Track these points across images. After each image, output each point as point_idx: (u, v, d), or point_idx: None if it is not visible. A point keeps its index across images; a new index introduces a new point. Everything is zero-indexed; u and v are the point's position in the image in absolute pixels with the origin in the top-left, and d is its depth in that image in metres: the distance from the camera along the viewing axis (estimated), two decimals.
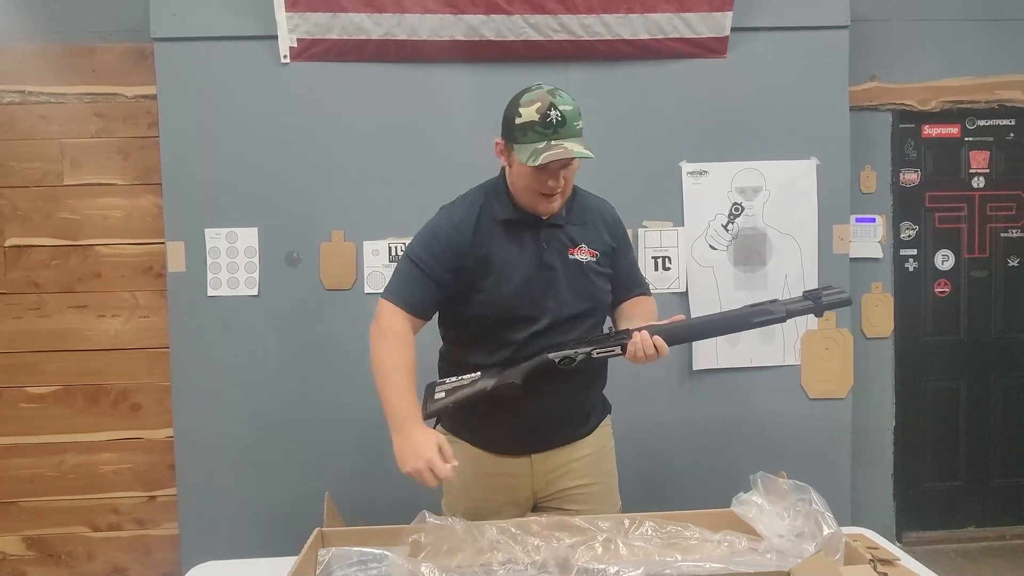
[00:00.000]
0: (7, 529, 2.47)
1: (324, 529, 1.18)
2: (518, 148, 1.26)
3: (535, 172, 1.25)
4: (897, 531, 2.74)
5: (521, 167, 1.27)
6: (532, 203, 1.31)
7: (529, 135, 1.24)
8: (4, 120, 2.40)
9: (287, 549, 1.35)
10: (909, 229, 2.72)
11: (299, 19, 2.25)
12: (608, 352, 1.32)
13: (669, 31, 2.34)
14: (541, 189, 1.28)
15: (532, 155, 1.23)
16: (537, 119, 1.23)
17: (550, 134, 1.23)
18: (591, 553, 1.08)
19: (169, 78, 2.31)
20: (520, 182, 1.30)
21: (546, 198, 1.29)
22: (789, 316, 1.31)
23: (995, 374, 2.78)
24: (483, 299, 1.32)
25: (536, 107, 1.24)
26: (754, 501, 1.19)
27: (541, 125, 1.23)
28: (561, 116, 1.23)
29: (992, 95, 2.66)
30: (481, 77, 2.32)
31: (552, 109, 1.23)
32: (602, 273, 1.40)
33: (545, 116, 1.23)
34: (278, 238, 2.35)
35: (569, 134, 1.24)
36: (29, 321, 2.44)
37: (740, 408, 2.44)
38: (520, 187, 1.31)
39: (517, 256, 1.33)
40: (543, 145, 1.23)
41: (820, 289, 1.33)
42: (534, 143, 1.23)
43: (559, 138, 1.23)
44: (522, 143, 1.25)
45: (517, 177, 1.30)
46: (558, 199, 1.31)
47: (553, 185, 1.27)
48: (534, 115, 1.24)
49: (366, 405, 2.33)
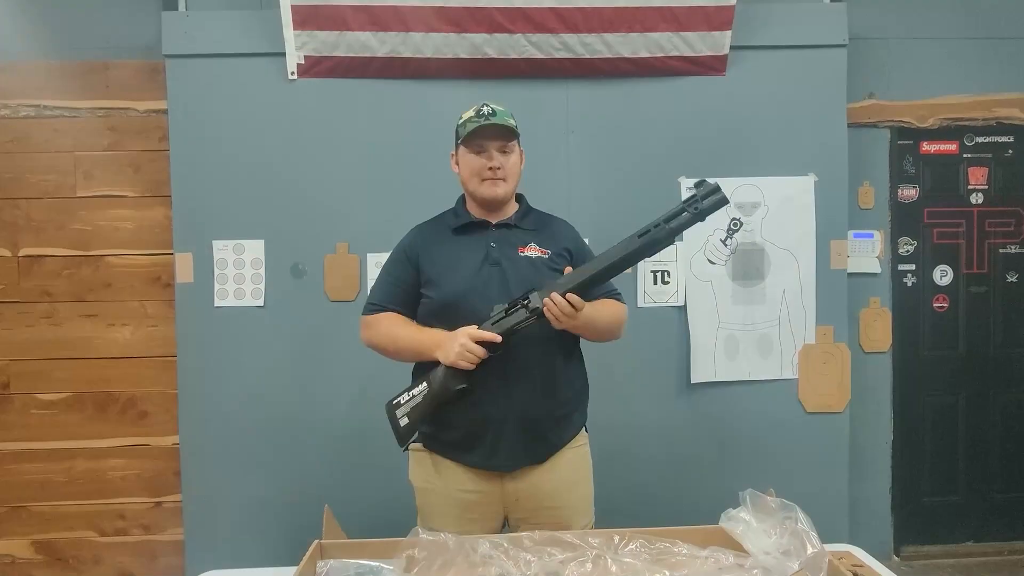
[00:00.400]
0: (16, 533, 2.52)
1: (323, 541, 1.21)
2: (461, 140, 1.48)
3: (475, 156, 1.47)
4: (895, 546, 2.75)
5: (464, 156, 1.49)
6: (479, 190, 1.49)
7: (467, 125, 1.47)
8: (20, 134, 2.47)
9: (290, 557, 1.38)
10: (907, 244, 2.74)
11: (307, 37, 2.31)
12: (526, 321, 1.36)
13: (669, 49, 2.38)
14: (482, 173, 1.47)
15: (469, 133, 1.46)
16: (473, 114, 1.48)
17: (482, 120, 1.46)
18: (582, 569, 1.11)
19: (179, 94, 2.37)
20: (465, 171, 1.50)
21: (490, 182, 1.48)
22: (673, 234, 1.36)
23: (994, 389, 2.79)
24: (434, 294, 1.47)
25: (473, 109, 1.50)
26: (742, 517, 1.21)
27: (476, 116, 1.47)
28: (492, 110, 1.47)
29: (990, 112, 2.68)
30: (484, 94, 2.32)
31: (484, 107, 1.48)
32: (556, 270, 1.47)
33: (479, 111, 1.48)
34: (284, 250, 2.40)
35: (500, 121, 1.46)
36: (41, 329, 2.50)
37: (738, 421, 2.46)
38: (465, 177, 1.51)
39: (465, 255, 1.49)
40: (476, 126, 1.45)
41: (695, 194, 1.36)
42: (470, 128, 1.46)
43: (491, 122, 1.45)
44: (463, 135, 1.48)
45: (464, 169, 1.51)
46: (500, 184, 1.48)
47: (493, 165, 1.46)
48: (471, 112, 1.49)
49: (369, 415, 2.38)
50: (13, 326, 2.49)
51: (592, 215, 2.41)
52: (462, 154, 1.50)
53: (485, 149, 1.46)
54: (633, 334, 1.85)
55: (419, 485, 1.52)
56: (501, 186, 1.48)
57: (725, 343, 2.47)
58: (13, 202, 2.48)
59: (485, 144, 1.46)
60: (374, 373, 2.34)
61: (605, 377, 2.11)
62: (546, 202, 1.68)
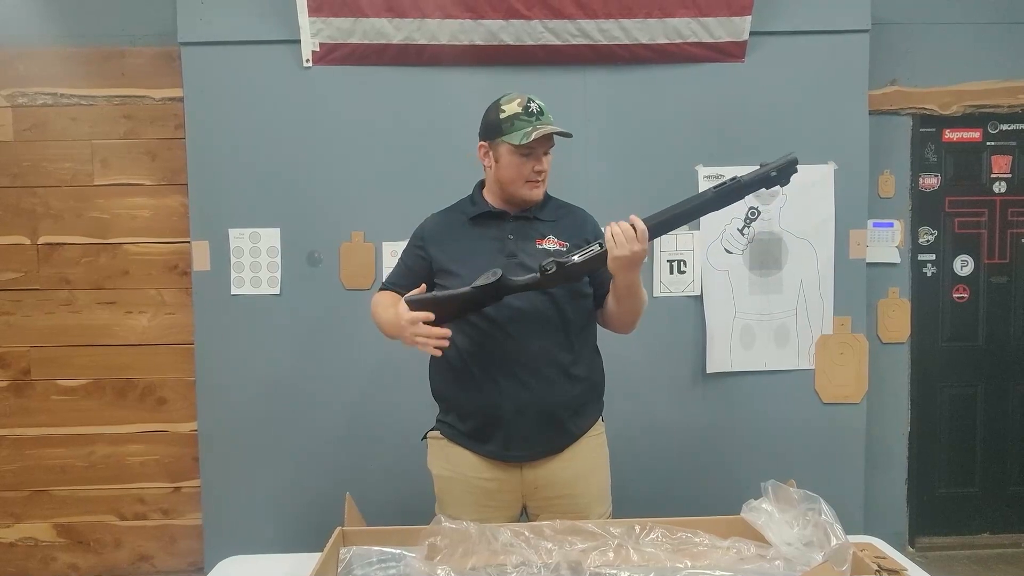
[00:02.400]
0: (39, 516, 2.57)
1: (345, 528, 1.22)
2: (507, 138, 1.41)
3: (523, 160, 1.42)
4: (910, 536, 2.74)
5: (510, 157, 1.43)
6: (520, 192, 1.46)
7: (516, 124, 1.41)
8: (37, 121, 2.48)
9: (305, 541, 1.41)
10: (928, 234, 2.70)
11: (322, 24, 2.29)
12: (589, 252, 1.34)
13: (687, 35, 2.34)
14: (528, 176, 1.44)
15: (523, 136, 1.39)
16: (520, 111, 1.41)
17: (533, 120, 1.41)
18: (603, 558, 1.11)
19: (195, 81, 2.36)
20: (509, 172, 1.44)
21: (532, 184, 1.45)
22: (744, 189, 1.35)
23: (1014, 381, 2.76)
24: (449, 284, 1.43)
25: (517, 102, 1.43)
26: (764, 508, 1.21)
27: (525, 114, 1.41)
28: (539, 107, 1.43)
29: (1015, 99, 2.62)
30: (500, 81, 2.34)
31: (531, 102, 1.43)
32: None
33: (527, 108, 1.42)
34: (300, 238, 2.41)
35: (548, 122, 1.43)
36: (61, 316, 2.52)
37: (754, 412, 2.45)
38: (508, 178, 1.45)
39: (481, 245, 1.46)
40: (530, 128, 1.40)
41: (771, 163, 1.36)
42: (522, 129, 1.40)
43: (542, 123, 1.41)
44: (510, 132, 1.41)
45: (505, 169, 1.45)
46: (542, 185, 1.47)
47: (539, 169, 1.44)
48: (517, 108, 1.42)
49: (386, 402, 2.39)
50: (33, 313, 2.52)
51: (610, 203, 2.37)
52: (506, 152, 1.43)
53: (534, 153, 1.42)
54: (649, 324, 1.83)
55: (438, 473, 1.53)
56: (542, 187, 1.48)
57: (741, 333, 2.45)
58: (31, 190, 2.50)
59: (536, 148, 1.42)
60: (390, 360, 2.37)
61: (621, 367, 2.09)
62: (564, 190, 1.67)
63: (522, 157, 1.42)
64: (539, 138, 1.40)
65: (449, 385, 1.48)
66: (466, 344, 1.42)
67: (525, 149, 1.41)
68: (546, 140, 1.42)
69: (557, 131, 1.41)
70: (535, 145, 1.41)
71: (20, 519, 2.56)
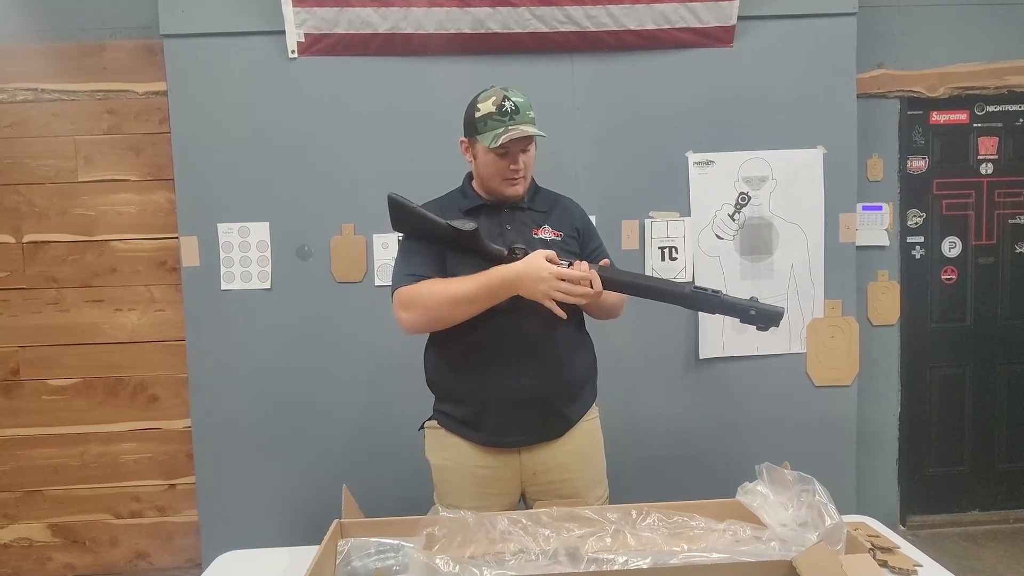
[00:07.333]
0: (33, 516, 2.55)
1: (343, 520, 1.22)
2: (481, 138, 1.41)
3: (498, 158, 1.41)
4: (901, 515, 2.78)
5: (486, 155, 1.42)
6: (498, 189, 1.45)
7: (489, 124, 1.39)
8: (18, 118, 2.44)
9: (302, 535, 1.41)
10: (916, 216, 2.72)
11: (306, 14, 2.26)
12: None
13: (675, 21, 2.33)
14: (505, 174, 1.43)
15: (493, 139, 1.38)
16: (494, 110, 1.39)
17: (507, 121, 1.39)
18: (601, 543, 1.11)
19: (179, 74, 2.33)
20: (486, 170, 1.44)
21: (510, 182, 1.44)
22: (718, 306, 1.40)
23: (1001, 360, 2.79)
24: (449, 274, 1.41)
25: (492, 100, 1.40)
26: (759, 491, 1.22)
27: (498, 114, 1.39)
28: (515, 105, 1.39)
29: (1001, 81, 2.64)
30: (488, 69, 2.33)
31: (506, 100, 1.40)
32: (570, 251, 1.47)
33: (501, 107, 1.39)
34: (289, 232, 2.39)
35: (523, 120, 1.40)
36: (48, 315, 2.50)
37: (746, 396, 2.47)
38: (486, 175, 1.45)
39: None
40: (502, 130, 1.38)
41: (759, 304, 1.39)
42: (494, 130, 1.39)
43: (515, 124, 1.39)
44: (484, 132, 1.40)
45: (482, 166, 1.45)
46: (520, 182, 1.46)
47: (515, 168, 1.42)
48: (491, 107, 1.40)
49: (380, 393, 2.39)
50: (20, 312, 2.49)
51: (599, 191, 2.40)
52: (482, 151, 1.42)
53: (510, 153, 1.41)
54: (641, 310, 1.84)
55: (435, 462, 1.53)
56: (521, 184, 1.45)
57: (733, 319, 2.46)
58: (14, 188, 2.46)
59: (511, 148, 1.40)
60: (383, 352, 2.36)
61: (614, 353, 2.11)
62: (552, 179, 1.67)
63: (497, 157, 1.41)
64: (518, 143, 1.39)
65: (445, 374, 1.48)
66: (460, 332, 1.42)
67: (500, 149, 1.39)
68: (522, 139, 1.40)
69: (526, 135, 1.38)
70: (509, 145, 1.39)
71: (14, 520, 2.55)
